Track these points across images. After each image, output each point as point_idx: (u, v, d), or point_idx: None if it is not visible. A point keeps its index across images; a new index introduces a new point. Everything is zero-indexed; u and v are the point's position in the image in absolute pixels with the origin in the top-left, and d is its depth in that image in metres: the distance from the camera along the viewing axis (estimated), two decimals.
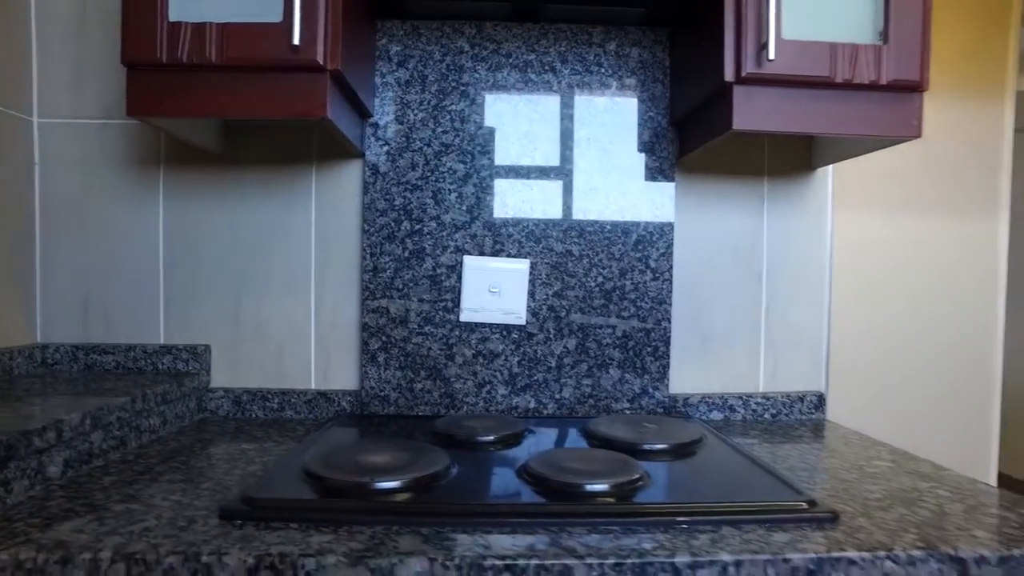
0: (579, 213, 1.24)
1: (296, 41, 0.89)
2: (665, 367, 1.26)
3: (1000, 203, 2.68)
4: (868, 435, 1.23)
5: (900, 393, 2.56)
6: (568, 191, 1.24)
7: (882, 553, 0.69)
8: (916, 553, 0.69)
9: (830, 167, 1.34)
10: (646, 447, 1.01)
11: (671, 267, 1.25)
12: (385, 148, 1.23)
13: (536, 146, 1.24)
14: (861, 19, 1.00)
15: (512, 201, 1.24)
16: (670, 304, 1.25)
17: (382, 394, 1.25)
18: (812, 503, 0.77)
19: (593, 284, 1.25)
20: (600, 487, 0.81)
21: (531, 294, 1.24)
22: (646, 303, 1.25)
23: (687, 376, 1.29)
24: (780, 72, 0.97)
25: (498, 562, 0.65)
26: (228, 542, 0.67)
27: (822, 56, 0.98)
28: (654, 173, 1.26)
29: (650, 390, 1.26)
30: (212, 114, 0.96)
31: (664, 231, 1.25)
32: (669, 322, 1.26)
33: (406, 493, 0.79)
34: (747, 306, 1.31)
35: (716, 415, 1.29)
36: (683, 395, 1.28)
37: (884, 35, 0.99)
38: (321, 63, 0.92)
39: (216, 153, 1.24)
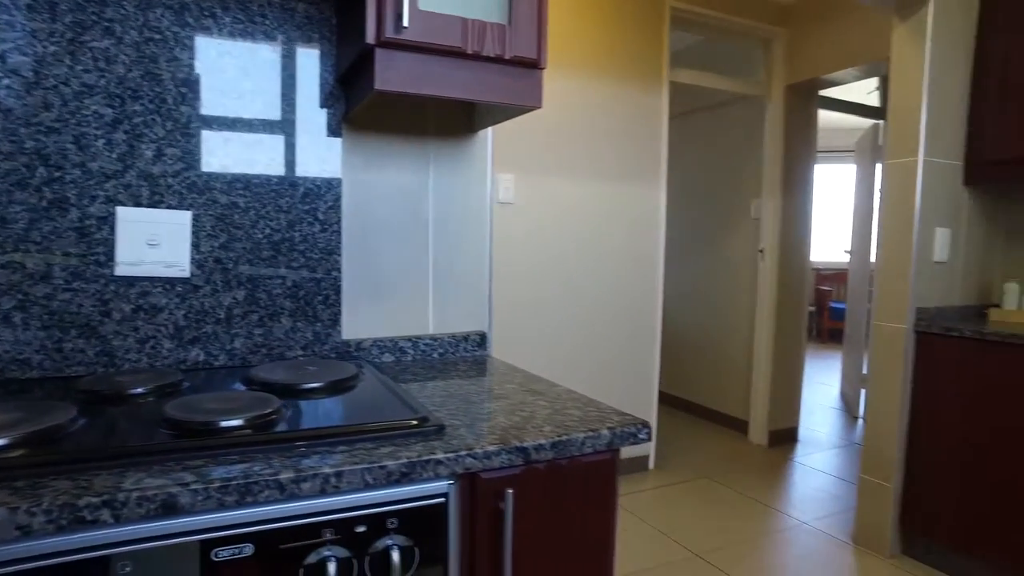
0: (243, 166, 1.24)
1: None
2: (337, 314, 1.33)
3: (660, 172, 3.22)
4: (524, 367, 1.43)
5: (576, 328, 3.00)
6: (232, 143, 1.23)
7: (464, 452, 0.83)
8: (491, 448, 0.85)
9: (490, 130, 1.49)
10: (304, 387, 1.07)
11: (339, 219, 1.31)
12: (5, 82, 1.09)
13: (196, 95, 1.20)
14: (490, 0, 1.14)
15: (172, 151, 1.19)
16: (340, 255, 1.32)
17: (21, 357, 1.14)
18: (424, 420, 0.90)
19: (261, 236, 1.26)
20: (234, 423, 0.85)
21: (195, 246, 1.21)
22: (315, 254, 1.30)
23: (361, 322, 1.38)
24: (416, 39, 1.06)
25: (94, 499, 0.66)
26: None
27: (454, 28, 1.09)
28: (322, 129, 1.30)
29: (323, 337, 1.32)
30: None
31: (332, 185, 1.31)
32: (339, 272, 1.32)
33: (19, 449, 0.76)
34: (416, 256, 1.43)
35: (388, 357, 1.40)
36: (356, 340, 1.36)
37: (509, 17, 1.14)
38: None
39: None
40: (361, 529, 0.80)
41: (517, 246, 2.83)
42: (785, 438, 3.86)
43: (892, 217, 2.39)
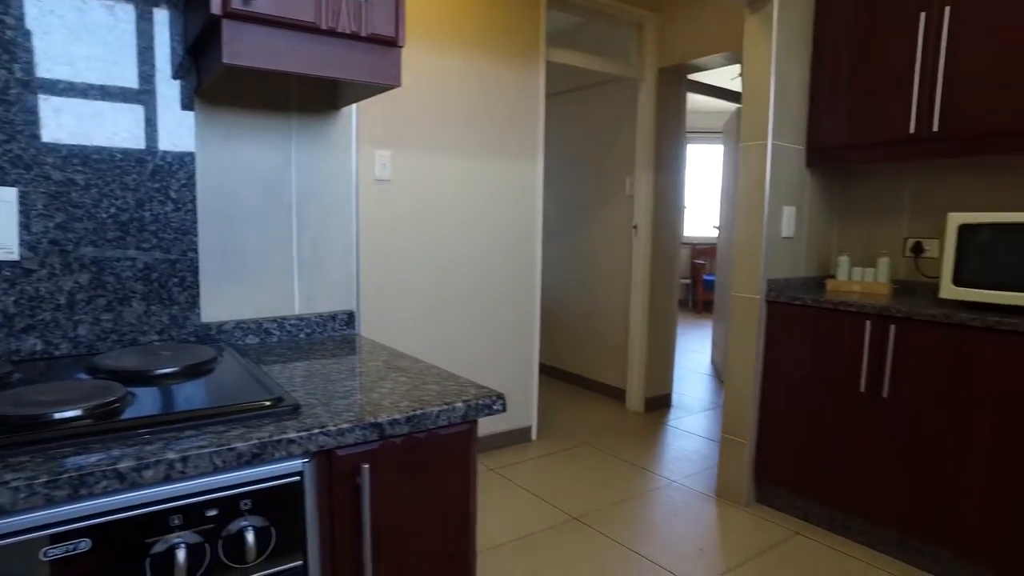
0: (80, 139, 1.15)
1: None
2: (195, 297, 1.28)
3: (537, 150, 3.28)
4: (406, 347, 1.44)
5: (458, 304, 3.04)
6: (64, 114, 1.14)
7: (317, 430, 0.84)
8: (345, 426, 0.86)
9: (354, 107, 1.48)
10: (156, 372, 1.03)
11: (194, 198, 1.26)
12: None
13: (12, 57, 1.10)
14: None
15: None
16: (196, 235, 1.27)
17: None
18: (278, 400, 0.90)
19: (106, 216, 1.19)
20: (70, 413, 0.81)
21: (25, 227, 1.12)
22: (169, 234, 1.24)
23: (223, 304, 1.34)
24: (266, 12, 1.03)
25: None
26: None
27: (307, 2, 1.07)
28: (171, 101, 1.23)
29: (181, 320, 1.27)
30: None
31: (184, 161, 1.25)
32: (196, 252, 1.27)
33: None
34: (280, 235, 1.40)
35: (252, 339, 1.36)
36: (218, 323, 1.32)
37: None
38: None
39: None
40: (212, 513, 0.79)
41: (395, 224, 2.81)
42: (660, 404, 4.11)
43: (746, 196, 2.58)
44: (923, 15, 2.26)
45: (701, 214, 8.66)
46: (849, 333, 2.31)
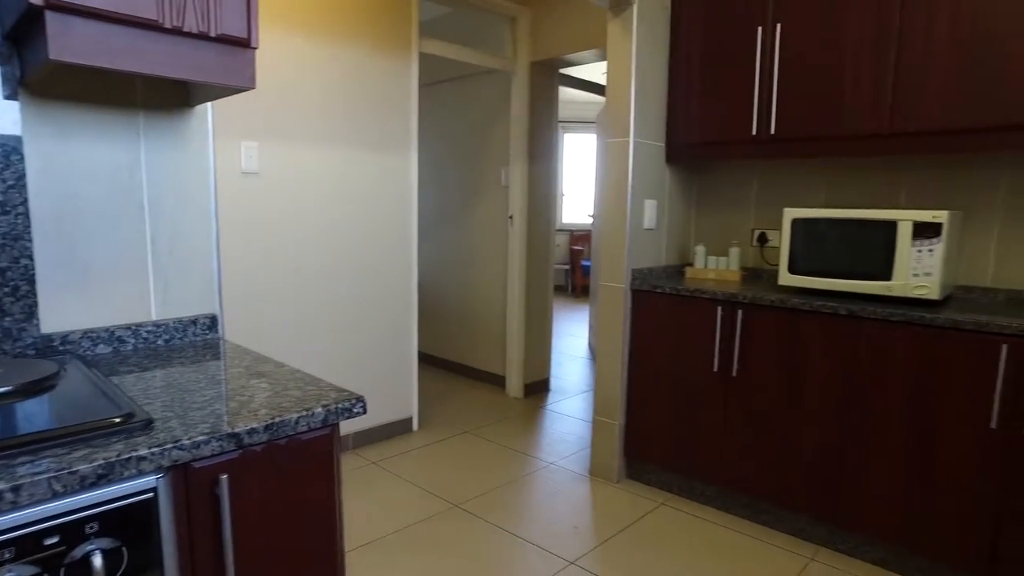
0: None
1: None
2: (32, 307, 1.20)
3: (411, 141, 3.27)
4: (277, 347, 1.41)
5: (332, 299, 3.00)
6: None
7: (171, 444, 0.83)
8: (201, 438, 0.85)
9: (209, 104, 1.42)
10: None
11: (25, 199, 1.17)
12: None
13: None
14: None
15: None
16: (29, 240, 1.18)
17: None
18: (129, 416, 0.87)
19: None
20: None
21: None
22: None
23: (67, 313, 1.26)
24: (98, 6, 0.97)
25: None
26: None
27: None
28: None
29: (15, 333, 1.18)
30: None
31: (11, 160, 1.16)
32: (31, 259, 1.19)
33: None
34: (132, 237, 1.33)
35: (104, 349, 1.29)
36: (61, 333, 1.24)
37: None
38: None
39: None
40: (52, 540, 0.76)
41: (264, 217, 2.72)
42: (539, 389, 4.25)
43: (610, 190, 2.72)
44: (760, 29, 2.48)
45: (579, 201, 8.95)
46: (703, 318, 2.51)
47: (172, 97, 1.37)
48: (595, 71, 5.48)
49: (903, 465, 2.09)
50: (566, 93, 7.31)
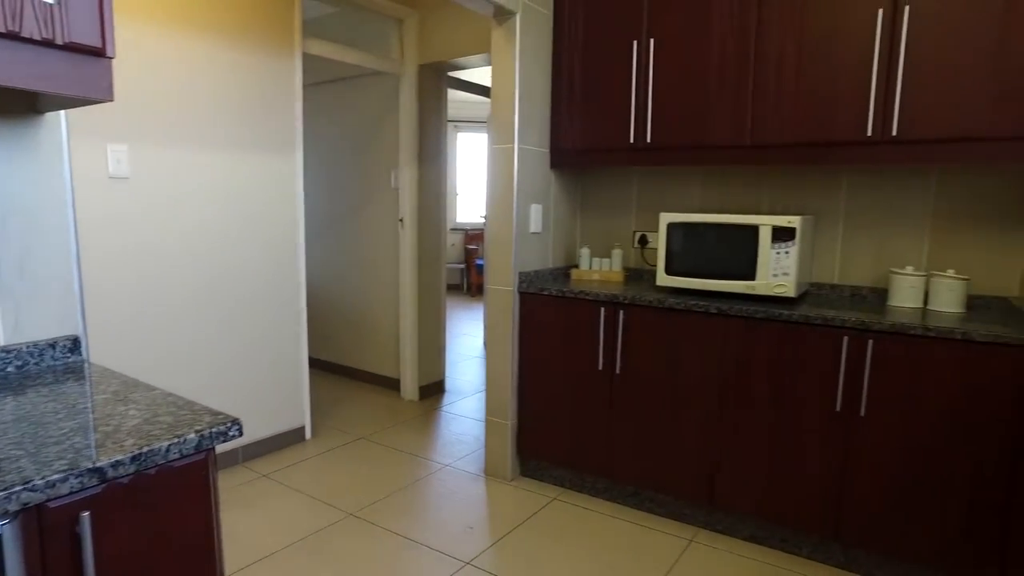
0: None
1: None
2: None
3: (296, 143, 3.19)
4: (153, 365, 1.34)
5: (214, 310, 2.87)
6: None
7: (19, 487, 0.78)
8: (56, 476, 0.81)
9: (62, 113, 1.33)
10: None
11: None
12: None
13: None
14: None
15: None
16: None
17: None
18: None
19: None
20: None
21: None
22: None
23: None
24: None
25: None
26: None
27: None
28: None
29: None
30: None
31: None
32: None
33: None
34: None
35: None
36: None
37: None
38: None
39: None
40: None
41: (135, 226, 2.56)
42: (434, 390, 4.25)
43: (497, 195, 2.77)
44: (635, 43, 2.61)
45: (473, 200, 9.00)
46: (587, 318, 2.61)
47: (16, 104, 1.28)
48: (485, 74, 5.53)
49: (768, 448, 2.28)
50: (459, 92, 7.33)
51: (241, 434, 0.99)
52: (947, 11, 2.06)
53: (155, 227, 2.62)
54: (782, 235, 2.29)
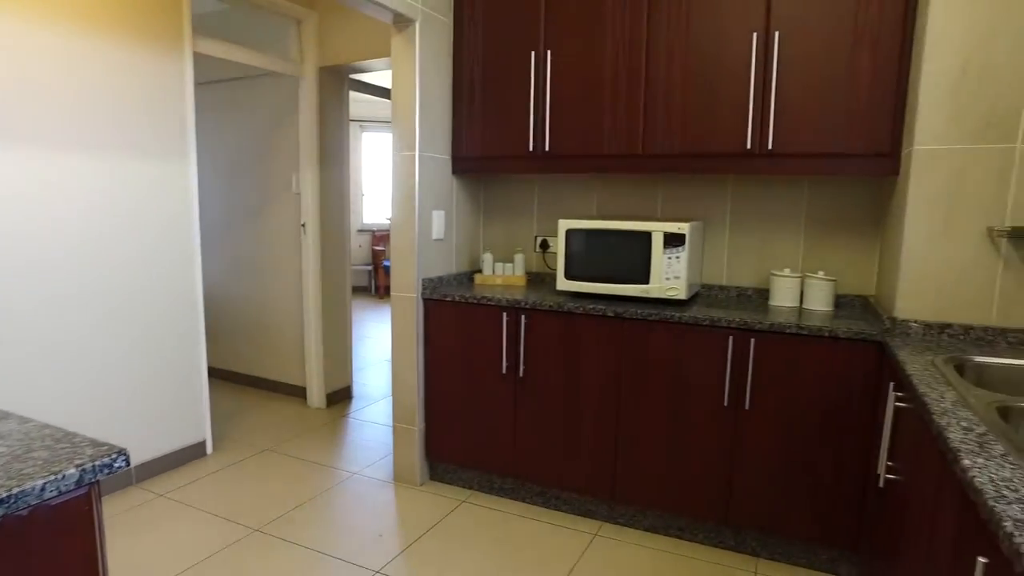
0: None
1: None
2: None
3: (188, 148, 3.06)
4: (29, 390, 1.26)
5: (104, 324, 2.72)
6: None
7: None
8: None
9: None
10: None
11: None
12: None
13: None
14: None
15: None
16: None
17: None
18: None
19: None
20: None
21: None
22: None
23: None
24: None
25: None
26: None
27: None
28: None
29: None
30: None
31: None
32: None
33: None
34: None
35: None
36: None
37: None
38: None
39: None
40: None
41: (4, 239, 2.38)
42: (342, 397, 4.20)
43: (399, 203, 2.77)
44: (533, 54, 2.68)
45: (381, 201, 8.89)
46: (491, 323, 2.67)
47: None
48: (389, 76, 5.48)
49: (665, 443, 2.41)
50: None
51: (128, 464, 0.97)
52: (807, 38, 2.25)
53: (28, 238, 2.44)
54: (673, 241, 2.42)
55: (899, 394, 1.72)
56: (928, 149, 1.98)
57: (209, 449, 3.27)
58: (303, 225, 3.88)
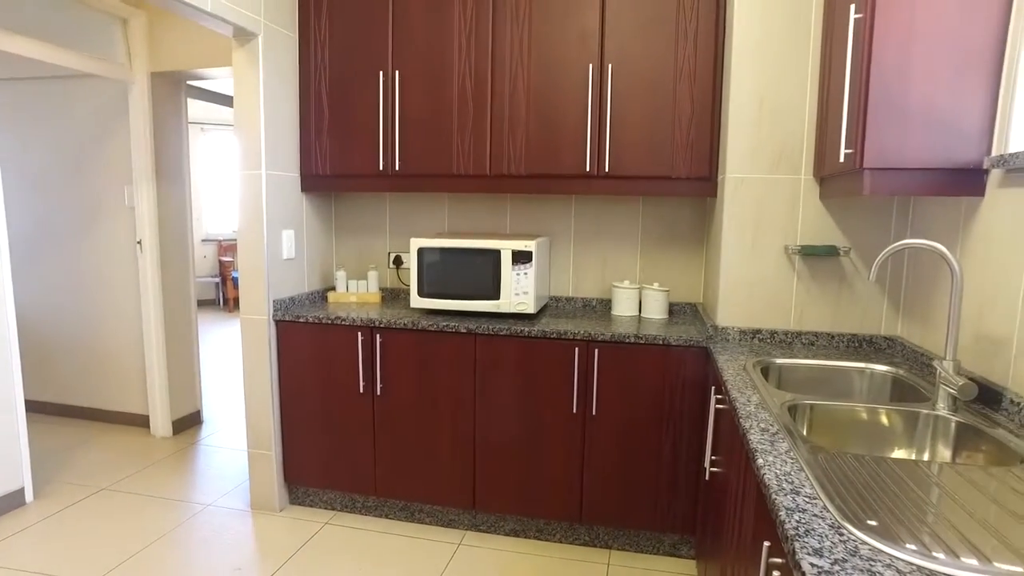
0: None
1: None
2: None
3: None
4: None
5: None
6: None
7: None
8: None
9: None
10: None
11: None
12: None
13: None
14: None
15: None
16: None
17: None
18: None
19: None
20: None
21: None
22: None
23: None
24: None
25: None
26: None
27: None
28: None
29: None
30: None
31: None
32: None
33: None
34: None
35: None
36: None
37: None
38: None
39: None
40: None
41: None
42: (191, 422, 3.95)
43: (246, 222, 2.68)
44: (381, 73, 2.70)
45: (226, 208, 8.40)
46: (346, 343, 2.65)
47: None
48: (231, 83, 5.21)
49: (520, 451, 2.53)
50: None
51: None
52: (637, 71, 2.46)
53: None
54: (521, 258, 2.55)
55: (719, 396, 1.95)
56: (737, 177, 2.25)
57: (29, 497, 2.95)
58: (139, 242, 3.61)
